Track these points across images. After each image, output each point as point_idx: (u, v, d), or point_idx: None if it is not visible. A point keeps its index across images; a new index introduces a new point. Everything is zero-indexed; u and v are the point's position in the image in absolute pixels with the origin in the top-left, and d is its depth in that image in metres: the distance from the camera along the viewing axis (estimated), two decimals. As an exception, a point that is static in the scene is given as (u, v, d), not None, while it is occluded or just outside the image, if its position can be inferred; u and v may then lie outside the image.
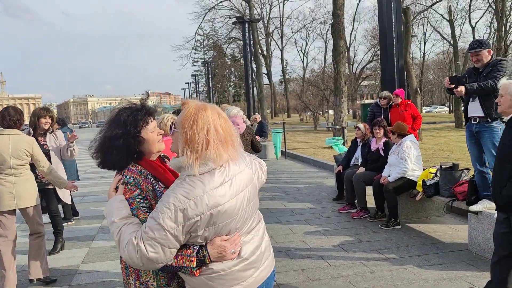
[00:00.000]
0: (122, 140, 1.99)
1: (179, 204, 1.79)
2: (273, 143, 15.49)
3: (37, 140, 6.02)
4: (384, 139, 7.05)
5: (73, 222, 7.51)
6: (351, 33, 55.06)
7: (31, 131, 6.04)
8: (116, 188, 2.03)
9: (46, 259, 4.88)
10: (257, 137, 6.25)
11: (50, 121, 5.99)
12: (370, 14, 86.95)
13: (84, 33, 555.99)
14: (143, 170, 2.04)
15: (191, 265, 1.87)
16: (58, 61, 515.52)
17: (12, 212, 4.57)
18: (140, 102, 2.13)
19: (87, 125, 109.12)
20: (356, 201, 7.21)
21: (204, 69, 68.01)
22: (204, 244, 1.89)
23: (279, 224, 6.71)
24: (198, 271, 1.90)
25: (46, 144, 6.08)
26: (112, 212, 1.93)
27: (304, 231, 6.26)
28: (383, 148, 6.97)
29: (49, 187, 5.88)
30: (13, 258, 4.52)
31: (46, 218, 5.83)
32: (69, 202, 6.59)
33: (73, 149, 6.08)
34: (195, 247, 1.89)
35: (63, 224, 6.38)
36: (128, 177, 1.99)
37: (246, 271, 1.98)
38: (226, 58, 62.20)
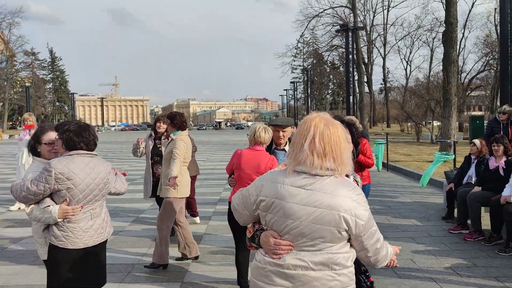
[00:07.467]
0: None
1: None
2: (374, 154, 15.07)
3: (154, 142, 6.48)
4: (504, 158, 6.54)
5: None
6: (460, 41, 51.79)
7: (153, 133, 6.48)
8: None
9: None
10: None
11: (164, 126, 6.20)
12: (483, 21, 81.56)
13: (184, 40, 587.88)
14: None
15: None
16: (162, 66, 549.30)
17: None
18: None
19: (189, 128, 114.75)
20: (469, 222, 6.76)
21: (302, 76, 68.30)
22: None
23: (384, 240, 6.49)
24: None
25: (161, 147, 6.45)
26: None
27: (412, 249, 6.00)
28: (504, 167, 6.46)
29: None
30: None
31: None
32: None
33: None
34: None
35: None
36: None
37: None
38: (326, 66, 61.89)
